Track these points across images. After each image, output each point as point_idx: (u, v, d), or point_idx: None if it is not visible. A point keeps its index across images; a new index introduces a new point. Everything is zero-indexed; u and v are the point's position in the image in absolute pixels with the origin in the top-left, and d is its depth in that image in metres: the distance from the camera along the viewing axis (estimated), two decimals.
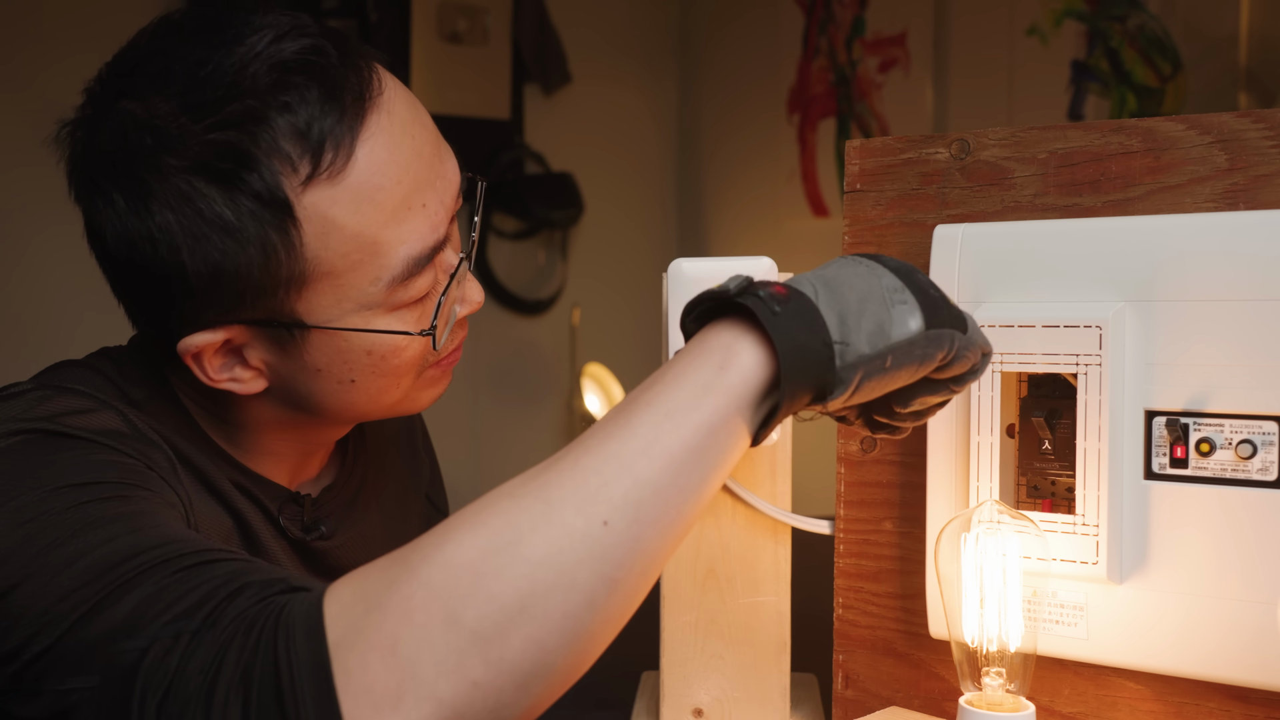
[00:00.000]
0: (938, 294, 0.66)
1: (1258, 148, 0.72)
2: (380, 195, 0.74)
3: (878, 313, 0.63)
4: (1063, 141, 0.78)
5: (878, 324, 0.63)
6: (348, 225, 0.74)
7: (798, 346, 0.61)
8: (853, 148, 0.86)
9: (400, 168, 0.75)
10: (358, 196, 0.74)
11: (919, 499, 0.82)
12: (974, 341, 0.67)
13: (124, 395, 0.81)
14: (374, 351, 0.79)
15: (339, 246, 0.74)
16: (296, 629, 0.55)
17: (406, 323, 0.79)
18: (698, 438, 0.60)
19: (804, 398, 0.63)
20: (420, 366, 0.83)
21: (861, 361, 0.62)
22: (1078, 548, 0.73)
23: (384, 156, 0.74)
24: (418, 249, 0.76)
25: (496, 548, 0.56)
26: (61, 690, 0.60)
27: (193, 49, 0.73)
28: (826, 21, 2.99)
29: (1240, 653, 0.70)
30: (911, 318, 0.64)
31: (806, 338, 0.61)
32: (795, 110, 3.11)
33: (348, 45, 0.76)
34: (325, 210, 0.73)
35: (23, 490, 0.68)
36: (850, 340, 0.62)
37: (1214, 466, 0.70)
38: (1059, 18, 2.37)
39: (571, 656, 0.58)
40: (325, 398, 0.81)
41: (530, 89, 3.31)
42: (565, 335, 3.29)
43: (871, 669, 0.86)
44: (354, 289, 0.76)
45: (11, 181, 2.52)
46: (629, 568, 0.58)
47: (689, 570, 0.89)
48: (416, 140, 0.77)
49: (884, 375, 0.63)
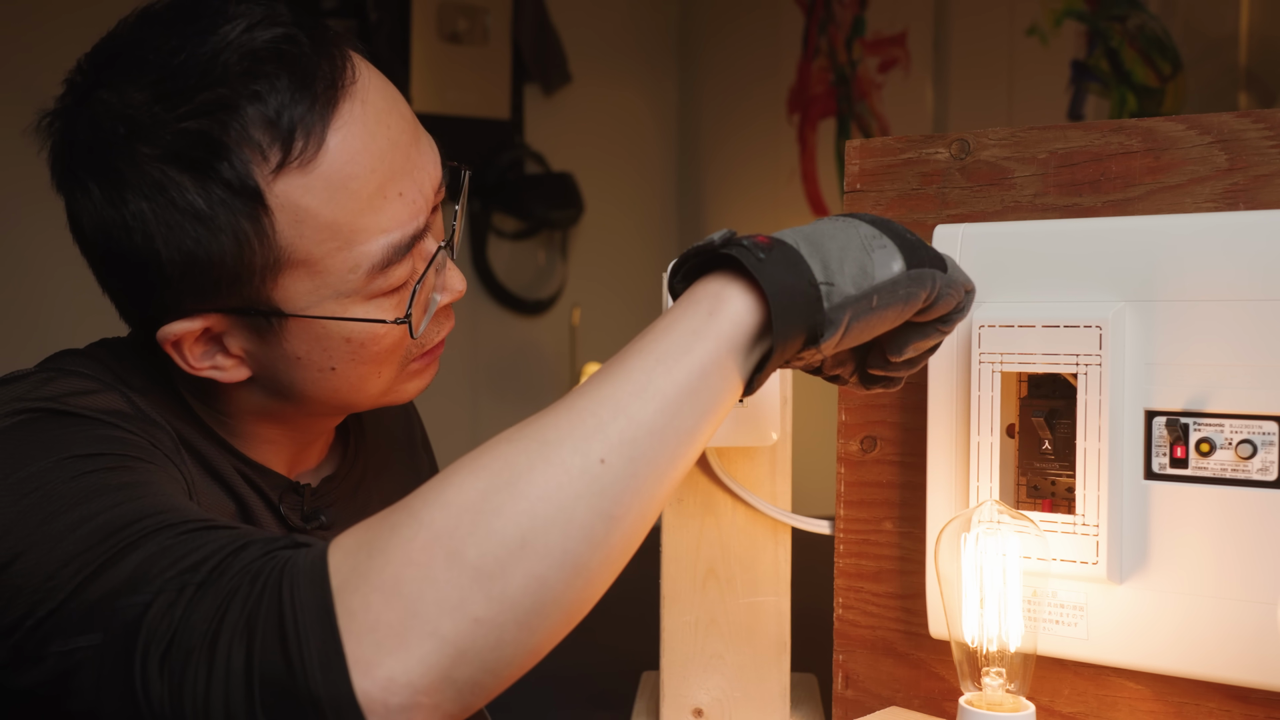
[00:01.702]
0: (915, 238, 0.68)
1: (1258, 148, 0.72)
2: (354, 184, 0.74)
3: (859, 257, 0.65)
4: (1063, 141, 0.78)
5: (860, 267, 0.65)
6: (321, 213, 0.74)
7: (785, 289, 0.63)
8: (853, 148, 0.86)
9: (375, 156, 0.75)
10: (331, 185, 0.74)
11: (919, 499, 0.82)
12: (955, 279, 0.68)
13: (124, 381, 0.81)
14: (352, 339, 0.79)
15: (313, 235, 0.74)
16: (300, 576, 0.56)
17: (384, 311, 0.79)
18: (690, 380, 0.62)
19: (796, 341, 0.64)
20: (403, 356, 0.83)
21: (848, 302, 0.64)
22: (1078, 548, 0.73)
23: (357, 145, 0.74)
24: (397, 237, 0.76)
25: (496, 487, 0.58)
26: (65, 651, 0.61)
27: (168, 38, 0.74)
28: (826, 21, 2.99)
29: (1240, 653, 0.70)
30: (893, 260, 0.66)
31: (793, 280, 0.63)
32: (795, 110, 3.11)
33: (321, 34, 0.76)
34: (297, 199, 0.73)
35: (26, 464, 0.69)
36: (835, 282, 0.64)
37: (1214, 466, 0.70)
38: (1059, 18, 2.37)
39: (573, 593, 0.59)
40: (307, 386, 0.81)
41: (530, 89, 3.31)
42: (565, 335, 3.29)
43: (871, 669, 0.86)
44: (331, 277, 0.76)
45: (11, 180, 2.52)
46: (627, 505, 0.60)
47: (689, 570, 0.89)
48: (392, 129, 0.77)
49: (871, 315, 0.65)
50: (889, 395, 0.85)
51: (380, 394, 0.85)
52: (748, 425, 0.84)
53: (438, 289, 0.83)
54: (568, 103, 3.37)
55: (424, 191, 0.79)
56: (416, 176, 0.79)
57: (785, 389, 0.87)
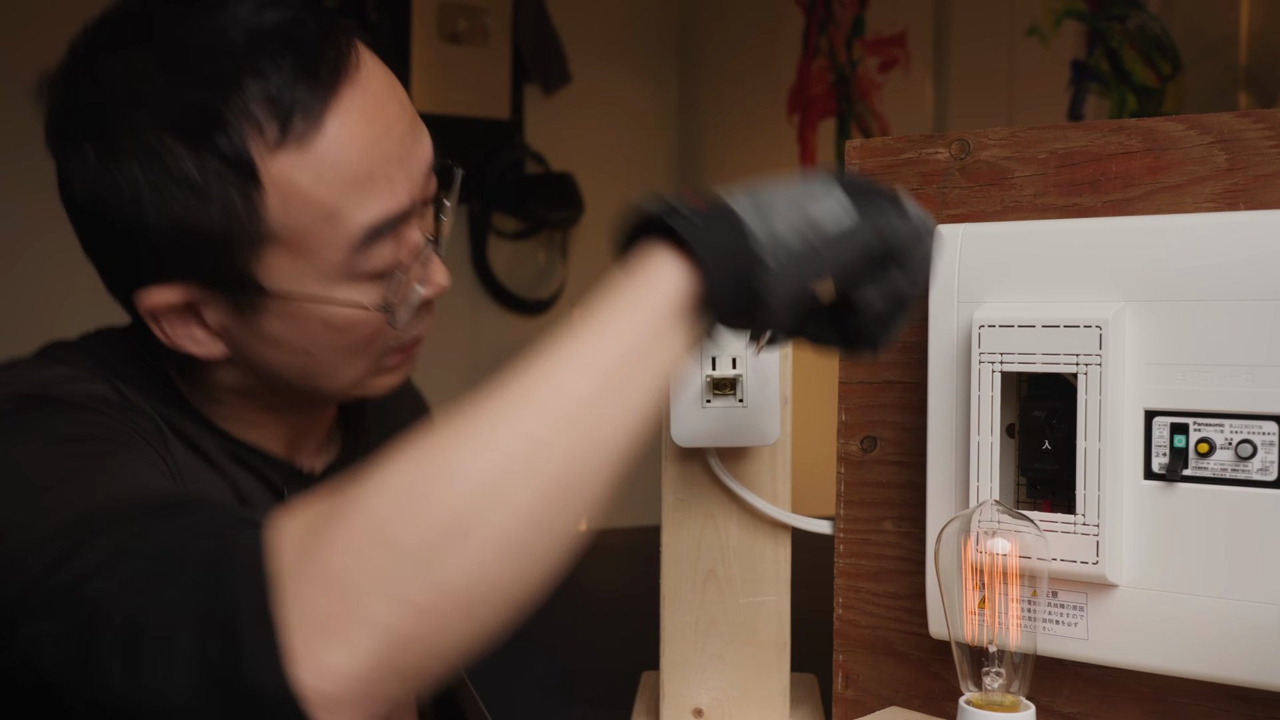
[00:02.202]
0: (865, 182, 0.66)
1: (1258, 148, 0.72)
2: (346, 167, 0.75)
3: (803, 204, 0.63)
4: (1063, 141, 0.78)
5: (804, 216, 0.62)
6: (310, 193, 0.75)
7: (722, 253, 0.61)
8: (853, 148, 0.86)
9: (369, 141, 0.76)
10: (323, 166, 0.75)
11: (919, 499, 0.82)
12: (910, 216, 0.66)
13: (113, 370, 0.82)
14: (330, 323, 0.79)
15: (300, 213, 0.75)
16: (243, 566, 0.56)
17: (366, 296, 0.79)
18: (628, 352, 0.60)
19: (740, 304, 0.62)
20: (380, 347, 0.83)
21: (793, 259, 0.62)
22: (1078, 548, 0.73)
23: (353, 130, 0.76)
24: (377, 216, 0.77)
25: (431, 471, 0.57)
26: (31, 636, 0.61)
27: (176, 9, 0.75)
28: (826, 21, 2.99)
29: (1240, 653, 0.70)
30: (839, 205, 0.63)
31: (730, 242, 0.61)
32: (795, 110, 3.11)
33: (328, 20, 0.78)
34: (290, 177, 0.74)
35: (6, 447, 0.69)
36: (779, 239, 0.61)
37: (1214, 466, 0.70)
38: (1059, 18, 2.37)
39: (516, 577, 0.58)
40: (280, 368, 0.81)
41: (530, 89, 3.31)
42: None
43: (871, 669, 0.86)
44: (313, 256, 0.77)
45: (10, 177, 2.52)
46: (569, 484, 0.58)
47: (689, 570, 0.89)
48: (389, 116, 0.78)
49: (820, 264, 0.63)
50: (889, 395, 0.85)
51: (352, 384, 0.85)
52: (748, 425, 0.84)
53: (421, 281, 0.82)
54: (568, 103, 3.37)
55: (413, 178, 0.79)
56: (407, 164, 0.79)
57: (785, 389, 0.87)
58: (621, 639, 1.17)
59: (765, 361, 0.83)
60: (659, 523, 0.89)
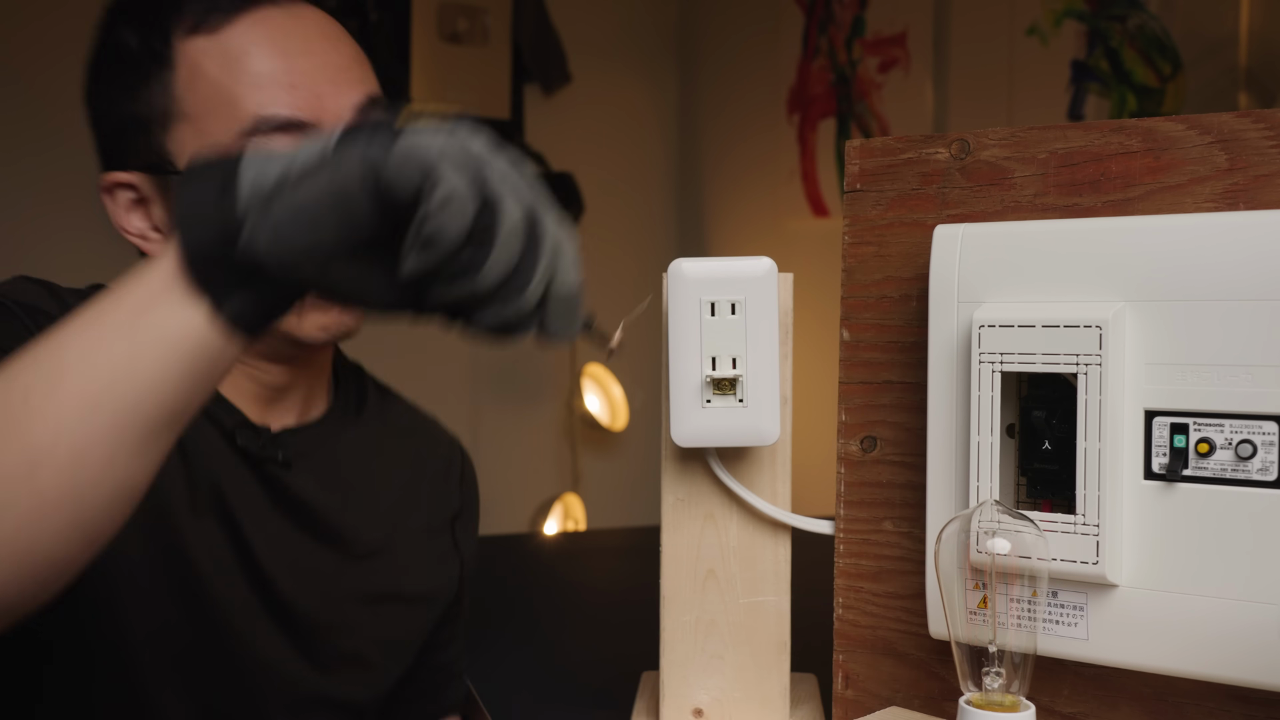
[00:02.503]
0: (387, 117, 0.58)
1: (1258, 148, 0.72)
2: (248, 60, 0.86)
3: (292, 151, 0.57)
4: (1063, 141, 0.78)
5: (290, 156, 0.57)
6: (212, 75, 0.86)
7: (193, 203, 0.58)
8: (853, 148, 0.86)
9: (277, 49, 0.87)
10: (227, 54, 0.86)
11: (919, 499, 0.82)
12: (425, 148, 0.53)
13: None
14: None
15: (203, 92, 0.86)
16: None
17: None
18: (119, 315, 0.58)
19: (215, 256, 0.57)
20: None
21: (265, 195, 0.56)
22: (1078, 548, 0.73)
23: (263, 33, 0.87)
24: (269, 110, 0.85)
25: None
26: None
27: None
28: (826, 21, 2.99)
29: (1240, 653, 0.70)
30: (321, 136, 0.57)
31: (209, 196, 0.57)
32: (795, 110, 3.10)
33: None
34: (197, 59, 0.86)
35: None
36: (263, 182, 0.56)
37: (1214, 466, 0.70)
38: (1059, 18, 2.37)
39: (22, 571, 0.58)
40: None
41: (530, 89, 3.31)
42: None
43: (871, 669, 0.86)
44: (210, 136, 0.86)
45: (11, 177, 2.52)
46: (51, 442, 0.57)
47: (689, 570, 0.89)
48: (312, 44, 0.88)
49: (300, 204, 0.55)
50: (889, 395, 0.85)
51: None
52: (748, 425, 0.84)
53: None
54: (568, 103, 3.37)
55: (320, 93, 0.87)
56: (318, 84, 0.87)
57: (785, 389, 0.87)
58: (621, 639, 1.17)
59: (765, 361, 0.83)
60: (659, 523, 0.89)
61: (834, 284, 0.89)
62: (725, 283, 0.82)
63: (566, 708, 1.02)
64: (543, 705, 1.01)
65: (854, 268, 0.86)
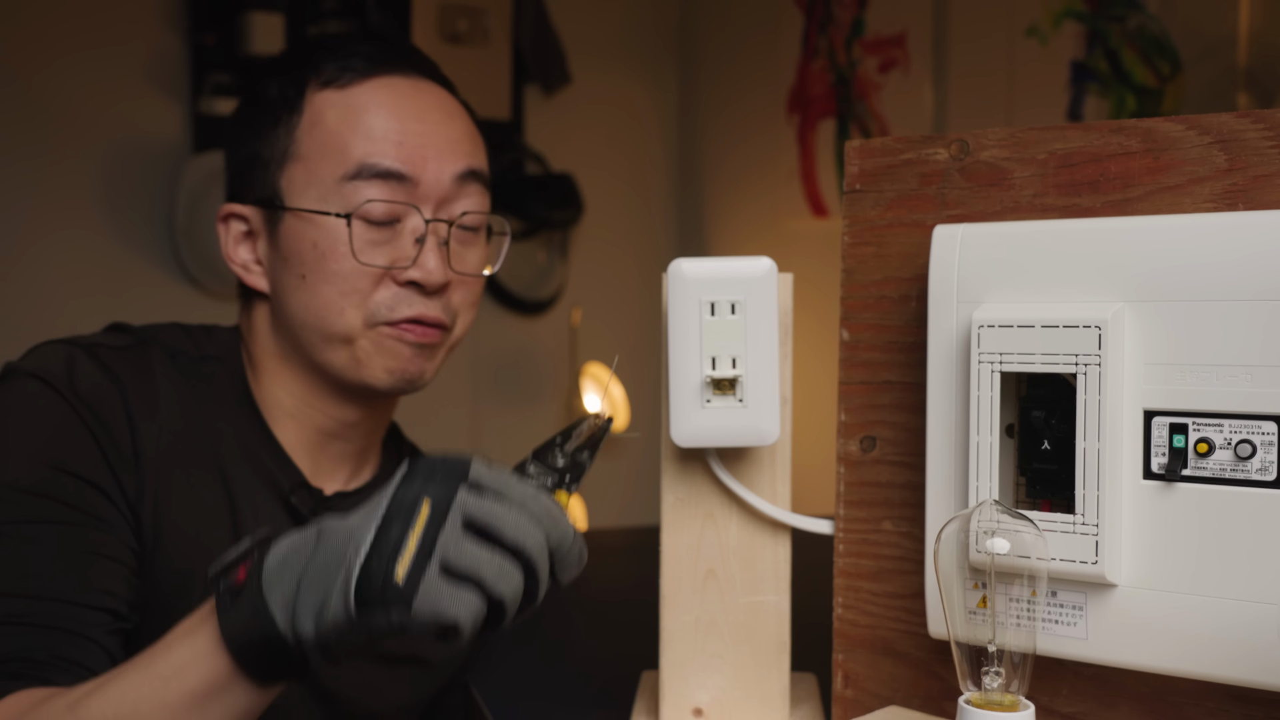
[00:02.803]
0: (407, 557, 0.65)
1: (1257, 148, 0.72)
2: (366, 116, 0.94)
3: (325, 586, 0.65)
4: (1062, 142, 0.78)
5: (322, 599, 0.65)
6: (332, 124, 0.94)
7: (248, 642, 0.67)
8: (852, 148, 0.86)
9: (394, 111, 0.95)
10: (349, 108, 0.94)
11: (919, 499, 0.82)
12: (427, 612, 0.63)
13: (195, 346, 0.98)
14: (318, 245, 0.93)
15: (319, 136, 0.94)
16: None
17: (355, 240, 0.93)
18: (183, 701, 0.69)
19: (279, 679, 0.70)
20: (363, 300, 0.93)
21: (313, 645, 0.67)
22: (1077, 548, 0.73)
23: (385, 96, 0.95)
24: (373, 159, 0.93)
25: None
26: None
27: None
28: (826, 22, 2.99)
29: (1240, 653, 0.70)
30: (341, 597, 0.64)
31: (255, 630, 0.67)
32: (795, 110, 3.11)
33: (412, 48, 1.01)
34: (321, 108, 0.95)
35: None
36: (298, 627, 0.66)
37: (1213, 466, 0.70)
38: (1058, 18, 2.37)
39: None
40: (289, 296, 0.94)
41: (530, 89, 3.31)
42: (565, 335, 3.29)
43: (871, 669, 0.86)
44: (317, 175, 0.93)
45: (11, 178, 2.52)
46: None
47: (689, 570, 0.89)
48: (427, 114, 0.96)
49: (345, 648, 0.67)
50: (889, 395, 0.85)
51: (345, 337, 0.94)
52: (748, 425, 0.84)
53: (413, 263, 0.95)
54: (568, 103, 3.37)
55: (425, 156, 0.94)
56: (424, 148, 0.95)
57: (785, 389, 0.87)
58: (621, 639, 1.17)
59: (765, 361, 0.83)
60: (659, 523, 0.89)
61: (834, 284, 0.89)
62: (725, 283, 0.82)
63: (566, 708, 1.02)
64: (543, 705, 1.01)
65: (854, 268, 0.86)
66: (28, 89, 2.52)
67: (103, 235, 2.63)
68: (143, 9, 2.65)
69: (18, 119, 2.53)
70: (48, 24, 2.56)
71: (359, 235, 0.93)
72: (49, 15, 2.57)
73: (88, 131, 2.57)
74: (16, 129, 2.54)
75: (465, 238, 0.99)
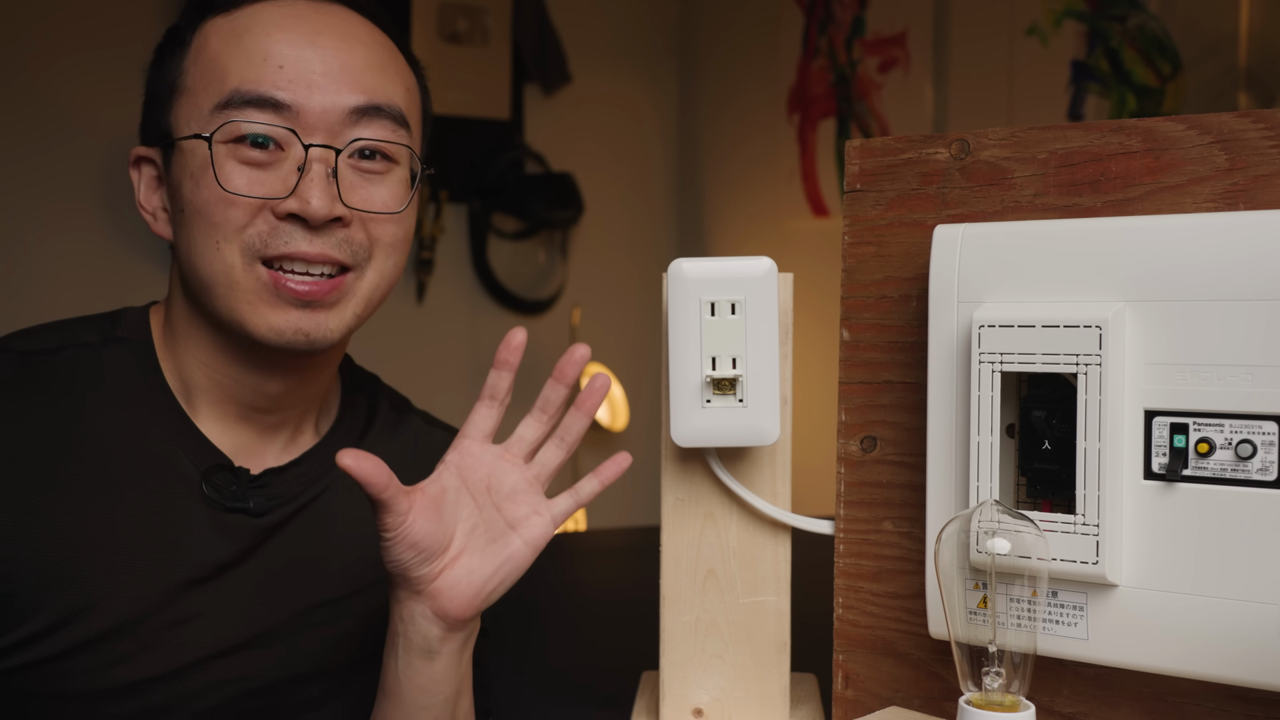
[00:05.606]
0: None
1: (1258, 148, 0.72)
2: (248, 38, 0.86)
3: None
4: (1063, 141, 0.78)
5: None
6: (214, 50, 0.87)
7: None
8: (852, 148, 0.86)
9: (280, 32, 0.86)
10: (232, 32, 0.87)
11: (919, 499, 0.82)
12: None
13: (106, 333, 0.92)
14: (194, 174, 0.86)
15: (202, 65, 0.87)
16: None
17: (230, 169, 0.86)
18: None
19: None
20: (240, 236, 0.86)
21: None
22: (1078, 548, 0.73)
23: (270, 18, 0.87)
24: (247, 86, 0.85)
25: None
26: None
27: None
28: (826, 21, 2.99)
29: (1240, 653, 0.70)
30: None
31: None
32: (795, 110, 3.11)
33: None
34: (207, 35, 0.88)
35: None
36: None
37: (1214, 466, 0.70)
38: (1059, 18, 2.37)
39: None
40: (179, 241, 0.89)
41: (530, 89, 3.31)
42: (565, 335, 3.29)
43: (871, 669, 0.86)
44: (196, 103, 0.87)
45: (11, 178, 2.52)
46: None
47: (689, 570, 0.89)
48: (322, 37, 0.87)
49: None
50: (889, 395, 0.85)
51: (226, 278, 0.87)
52: (748, 425, 0.84)
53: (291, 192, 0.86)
54: (568, 103, 3.37)
55: (308, 82, 0.86)
56: (310, 74, 0.86)
57: (785, 389, 0.87)
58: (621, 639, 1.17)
59: (765, 361, 0.83)
60: (659, 523, 0.89)
61: (834, 284, 0.89)
62: (725, 283, 0.82)
63: (567, 707, 1.02)
64: (543, 705, 1.01)
65: (854, 268, 0.86)
66: (28, 89, 2.53)
67: (102, 235, 2.63)
68: (143, 9, 2.65)
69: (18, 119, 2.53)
70: (48, 25, 2.56)
71: (229, 162, 0.85)
72: (50, 16, 2.57)
73: (88, 131, 2.57)
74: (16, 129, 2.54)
75: (369, 172, 0.89)
